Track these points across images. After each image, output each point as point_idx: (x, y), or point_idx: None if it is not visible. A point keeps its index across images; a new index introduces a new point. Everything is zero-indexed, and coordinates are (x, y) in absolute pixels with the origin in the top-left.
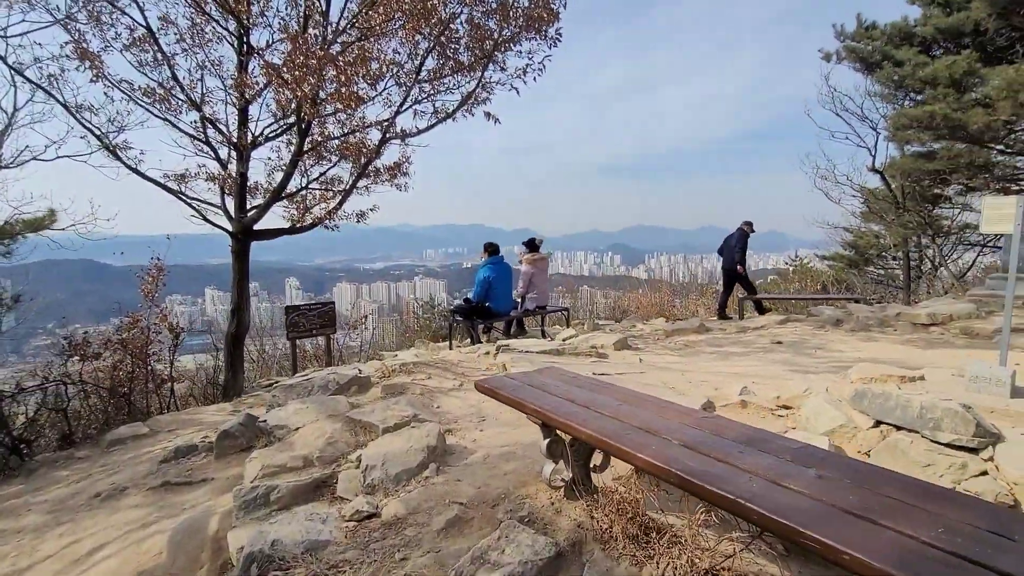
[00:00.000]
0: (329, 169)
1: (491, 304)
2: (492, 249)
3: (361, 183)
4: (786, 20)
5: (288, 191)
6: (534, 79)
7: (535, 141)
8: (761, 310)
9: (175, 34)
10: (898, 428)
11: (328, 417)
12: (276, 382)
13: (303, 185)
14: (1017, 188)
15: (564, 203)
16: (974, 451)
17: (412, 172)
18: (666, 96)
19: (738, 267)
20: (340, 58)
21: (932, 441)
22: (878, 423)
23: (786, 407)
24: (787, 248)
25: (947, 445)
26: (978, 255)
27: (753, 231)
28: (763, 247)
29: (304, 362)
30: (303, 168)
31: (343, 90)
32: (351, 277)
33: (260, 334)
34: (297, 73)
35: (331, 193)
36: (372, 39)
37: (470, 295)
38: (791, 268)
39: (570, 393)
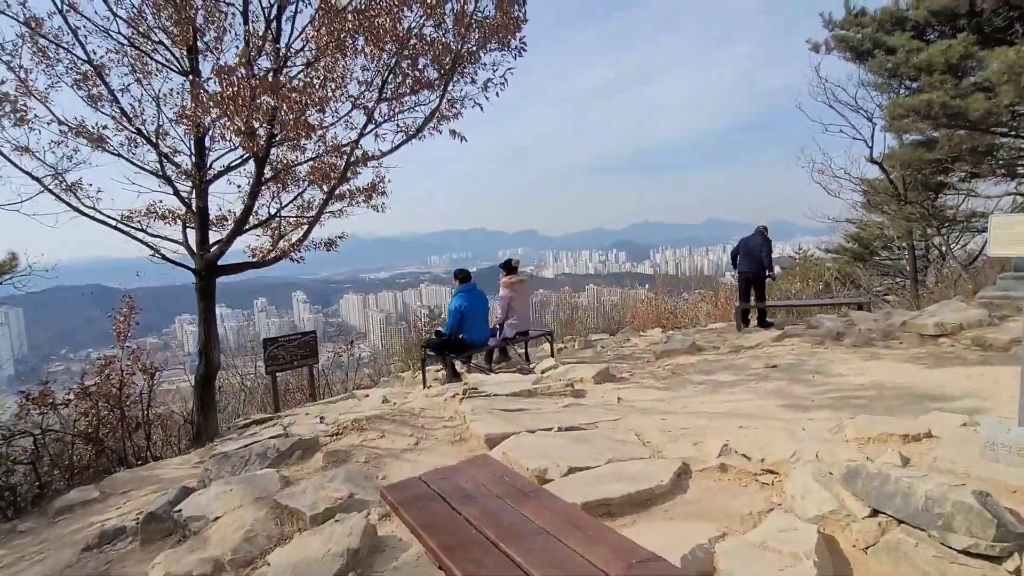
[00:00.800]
0: (300, 194)
1: (465, 336)
2: (463, 276)
3: (335, 206)
4: (777, 9)
5: (262, 219)
6: (496, 93)
7: (532, 143)
8: (763, 319)
9: (128, 64)
10: (900, 521)
11: (254, 502)
12: (254, 420)
13: (272, 213)
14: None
15: (566, 203)
16: (996, 559)
17: (389, 191)
18: (660, 91)
19: (768, 273)
20: (284, 87)
21: (943, 544)
22: (875, 512)
23: (771, 471)
24: (794, 236)
25: (962, 552)
26: (986, 242)
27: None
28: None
29: (287, 395)
30: (273, 195)
31: (291, 118)
32: (357, 288)
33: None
34: (229, 107)
35: (305, 220)
36: (319, 64)
37: (443, 328)
38: (796, 261)
39: (490, 508)
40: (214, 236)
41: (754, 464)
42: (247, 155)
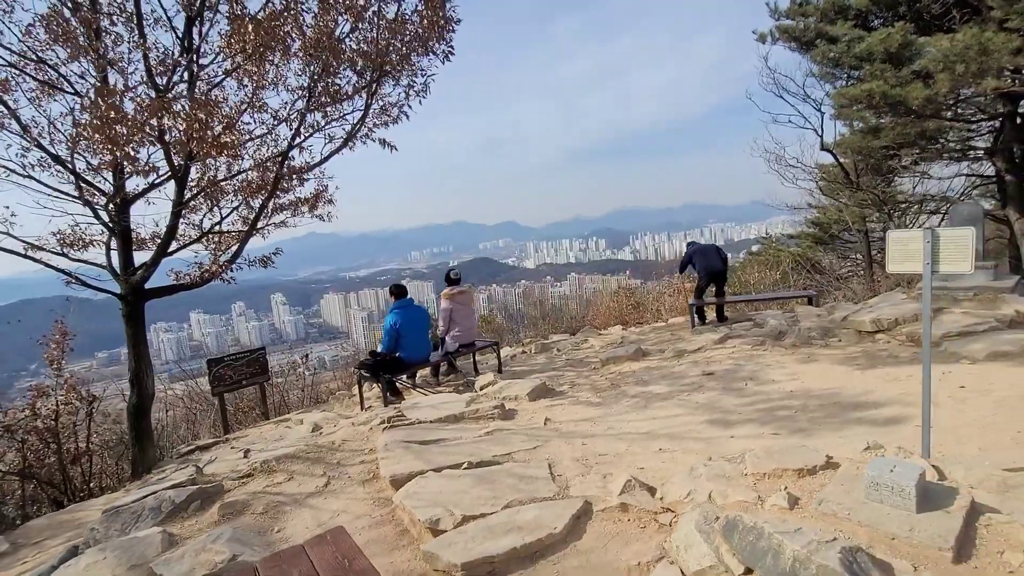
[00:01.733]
0: (235, 210)
1: (403, 354)
2: (398, 292)
3: (277, 218)
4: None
5: (194, 237)
6: (419, 101)
7: (510, 134)
8: (722, 314)
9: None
10: None
11: (128, 572)
12: (197, 446)
13: (206, 230)
14: (974, 155)
15: (544, 194)
16: None
17: (335, 198)
18: (635, 80)
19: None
20: (174, 105)
21: None
22: (749, 570)
23: (670, 510)
24: (769, 216)
25: None
26: (941, 221)
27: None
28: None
29: (240, 414)
30: (207, 210)
31: (194, 136)
32: (338, 287)
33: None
34: (110, 132)
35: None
36: (228, 78)
37: (379, 347)
38: (762, 248)
39: None
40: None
41: (655, 502)
42: (167, 175)
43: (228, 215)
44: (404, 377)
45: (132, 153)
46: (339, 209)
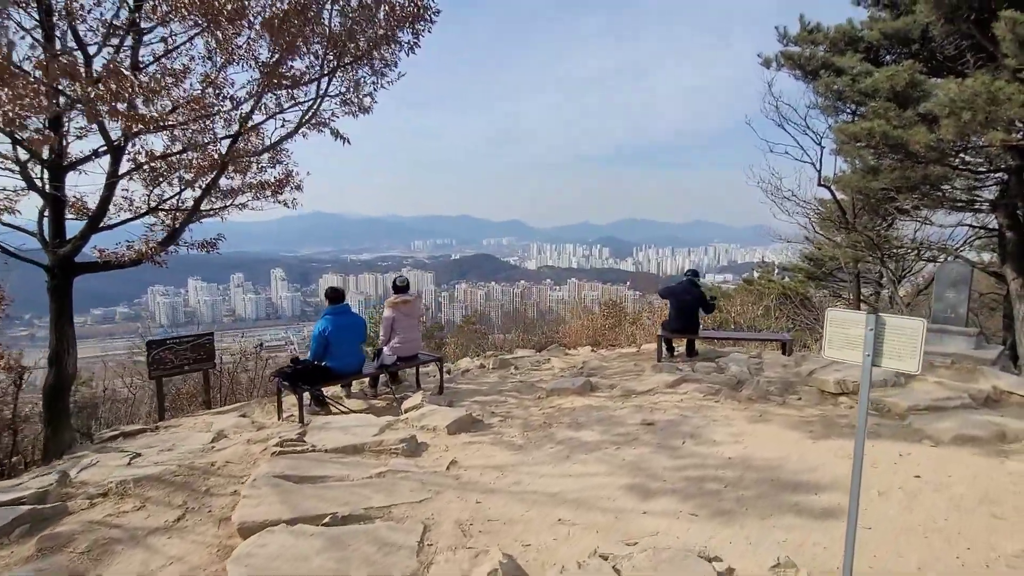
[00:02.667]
0: (183, 190)
1: (331, 363)
2: (333, 296)
3: (240, 199)
4: (783, 13)
5: (140, 212)
6: (371, 98)
7: (522, 129)
8: (692, 348)
9: None
10: None
11: None
12: (122, 432)
13: (154, 206)
14: (979, 206)
15: (554, 195)
16: None
17: (303, 185)
18: (659, 84)
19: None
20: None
21: None
22: None
23: None
24: (772, 243)
25: None
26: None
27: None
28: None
29: (180, 400)
30: (152, 186)
31: (106, 108)
32: (338, 268)
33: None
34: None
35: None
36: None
37: (307, 355)
38: (754, 277)
39: None
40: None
41: None
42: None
43: (177, 194)
44: (339, 387)
45: (16, 117)
46: (344, 192)
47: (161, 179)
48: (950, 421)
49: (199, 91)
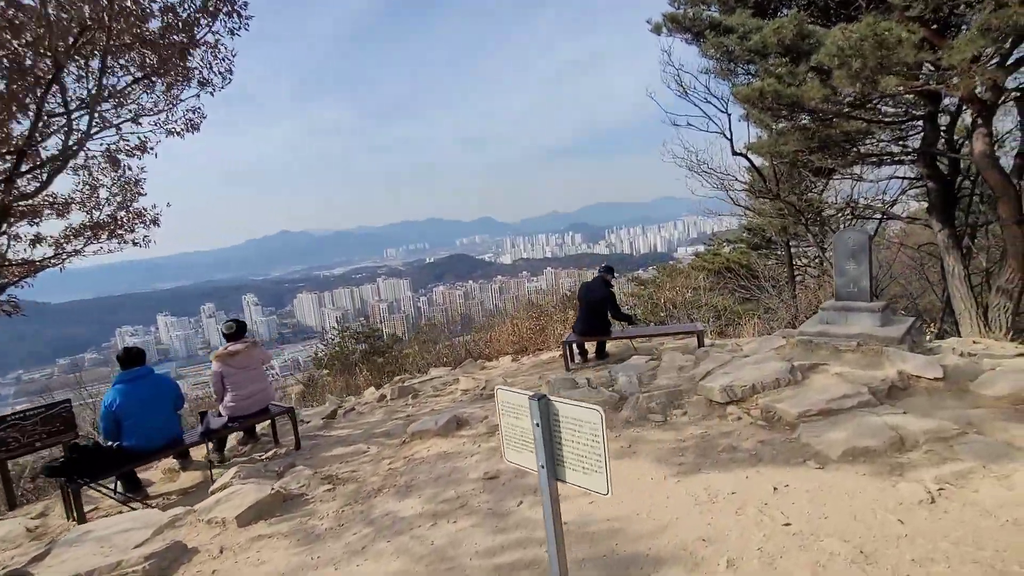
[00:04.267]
0: None
1: (128, 442)
2: (126, 359)
3: (71, 246)
4: None
5: None
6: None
7: (484, 130)
8: (602, 351)
9: None
10: None
11: None
12: None
13: None
14: (894, 159)
15: (521, 189)
16: None
17: (160, 219)
18: (612, 74)
19: (617, 326)
20: None
21: None
22: None
23: None
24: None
25: None
26: (880, 224)
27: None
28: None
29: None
30: None
31: None
32: (312, 286)
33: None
34: None
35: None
36: None
37: (96, 438)
38: (708, 247)
39: None
40: None
41: None
42: None
43: None
44: (212, 450)
45: None
46: (311, 208)
47: None
48: (843, 429)
49: None
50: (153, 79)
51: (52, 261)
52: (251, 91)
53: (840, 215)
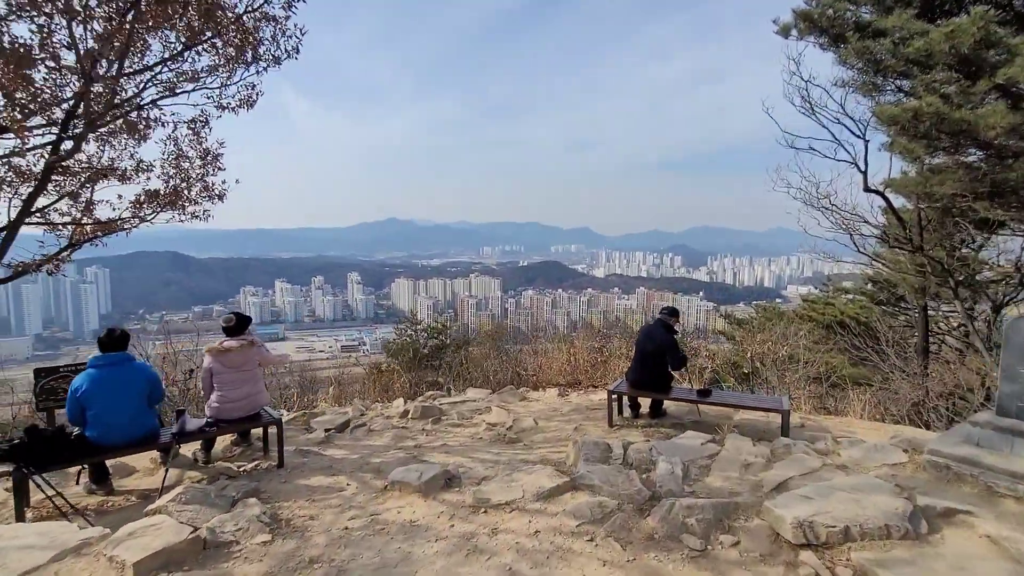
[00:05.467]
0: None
1: (91, 432)
2: (106, 340)
3: (120, 214)
4: None
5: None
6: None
7: (593, 136)
8: (658, 409)
9: None
10: None
11: None
12: None
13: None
14: None
15: (624, 202)
16: None
17: (225, 194)
18: (734, 89)
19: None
20: None
21: None
22: None
23: None
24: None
25: None
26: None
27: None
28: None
29: None
30: None
31: None
32: (409, 273)
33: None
34: None
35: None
36: None
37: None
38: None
39: None
40: None
41: None
42: None
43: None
44: (200, 448)
45: None
46: (418, 198)
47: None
48: None
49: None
50: (217, 45)
51: (124, 224)
52: (381, 80)
53: (1004, 283)
